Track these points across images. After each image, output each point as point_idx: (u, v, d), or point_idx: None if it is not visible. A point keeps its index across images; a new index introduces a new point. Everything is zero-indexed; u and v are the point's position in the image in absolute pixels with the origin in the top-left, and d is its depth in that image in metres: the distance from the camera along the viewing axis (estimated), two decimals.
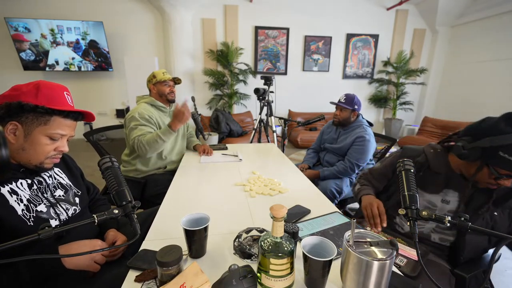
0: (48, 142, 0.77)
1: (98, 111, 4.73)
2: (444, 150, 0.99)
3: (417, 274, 0.81)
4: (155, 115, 1.64)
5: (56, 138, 0.78)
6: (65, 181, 0.91)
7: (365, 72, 5.26)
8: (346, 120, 1.81)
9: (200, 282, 0.57)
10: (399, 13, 4.97)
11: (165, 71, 1.72)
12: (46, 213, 0.77)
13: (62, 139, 0.80)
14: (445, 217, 0.61)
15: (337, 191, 1.69)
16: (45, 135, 0.76)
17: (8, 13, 3.93)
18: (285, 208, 0.56)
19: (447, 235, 0.96)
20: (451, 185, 0.96)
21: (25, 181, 0.77)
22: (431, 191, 0.99)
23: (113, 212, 0.60)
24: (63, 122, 0.78)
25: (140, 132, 1.53)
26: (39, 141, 0.75)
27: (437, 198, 0.97)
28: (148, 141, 1.50)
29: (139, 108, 1.60)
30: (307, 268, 0.62)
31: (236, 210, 1.04)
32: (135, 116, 1.56)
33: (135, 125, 1.54)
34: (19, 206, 0.72)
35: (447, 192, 0.96)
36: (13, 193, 0.72)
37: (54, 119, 0.76)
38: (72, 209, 0.86)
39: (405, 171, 0.74)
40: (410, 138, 4.25)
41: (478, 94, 4.51)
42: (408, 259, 0.86)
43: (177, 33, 4.33)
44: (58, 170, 0.91)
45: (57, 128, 0.77)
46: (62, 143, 0.81)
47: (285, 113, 5.16)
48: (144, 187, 1.59)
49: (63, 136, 0.80)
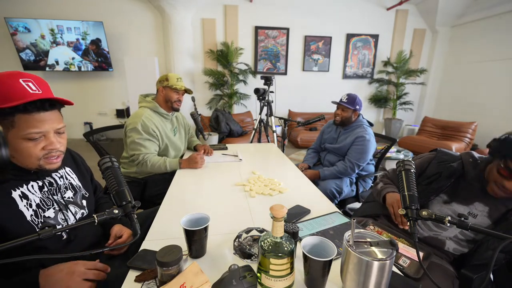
0: (29, 145, 0.67)
1: (98, 111, 4.73)
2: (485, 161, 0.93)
3: (420, 276, 0.80)
4: (157, 124, 1.60)
5: (33, 138, 0.67)
6: (75, 182, 0.89)
7: (365, 72, 5.26)
8: (348, 120, 1.81)
9: (200, 282, 0.57)
10: (399, 13, 4.97)
11: (179, 78, 1.67)
12: (54, 219, 0.76)
13: (46, 137, 0.70)
14: (445, 217, 0.61)
15: (337, 191, 1.69)
16: (21, 139, 0.66)
17: (8, 13, 3.93)
18: (285, 208, 0.56)
19: (462, 247, 0.94)
20: (482, 198, 0.92)
21: (36, 183, 0.76)
22: (459, 201, 0.95)
23: (113, 212, 0.59)
24: (30, 117, 0.65)
25: (146, 151, 1.53)
26: (19, 147, 0.66)
27: (464, 209, 0.94)
28: (153, 164, 1.53)
29: (142, 116, 1.54)
30: (307, 268, 0.62)
31: (236, 210, 1.04)
32: (138, 128, 1.51)
33: (139, 139, 1.51)
34: (28, 211, 0.71)
35: (477, 205, 0.92)
36: (23, 197, 0.71)
37: (18, 118, 0.64)
38: (80, 212, 0.86)
39: (405, 171, 0.74)
40: (410, 138, 4.24)
41: (478, 94, 4.51)
42: (411, 260, 0.85)
43: (177, 33, 4.33)
44: (69, 170, 0.90)
45: (26, 127, 0.65)
46: (48, 141, 0.70)
47: (285, 113, 5.16)
48: (144, 187, 1.59)
49: (42, 133, 0.68)
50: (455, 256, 0.97)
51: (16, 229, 0.68)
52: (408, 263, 0.84)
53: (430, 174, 1.04)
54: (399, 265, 0.84)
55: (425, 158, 1.10)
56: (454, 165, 0.98)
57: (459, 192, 0.96)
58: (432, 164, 1.06)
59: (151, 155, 1.56)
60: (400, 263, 0.85)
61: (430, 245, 0.99)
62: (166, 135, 1.67)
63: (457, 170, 0.97)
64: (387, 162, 3.30)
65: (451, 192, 0.97)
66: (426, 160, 1.09)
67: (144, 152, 1.53)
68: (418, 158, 1.14)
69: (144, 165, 1.53)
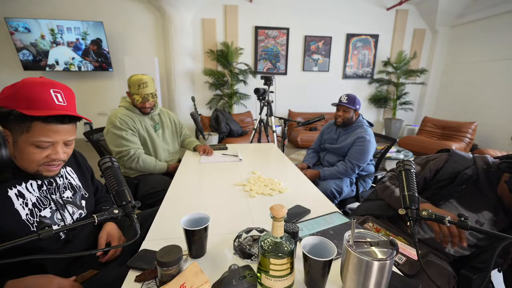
0: (35, 151, 0.69)
1: (98, 111, 4.73)
2: (499, 169, 0.90)
3: (415, 273, 0.81)
4: (134, 119, 1.59)
5: (42, 146, 0.69)
6: (75, 182, 0.89)
7: (365, 72, 5.26)
8: (349, 120, 1.81)
9: (200, 282, 0.57)
10: (399, 13, 4.97)
11: (144, 82, 1.54)
12: (50, 219, 0.76)
13: (53, 146, 0.71)
14: (445, 217, 0.61)
15: (337, 191, 1.69)
16: (30, 144, 0.68)
17: (8, 13, 3.93)
18: (285, 208, 0.56)
19: (464, 249, 0.93)
20: (491, 207, 0.90)
21: (35, 181, 0.76)
22: (469, 208, 0.92)
23: (113, 212, 0.59)
24: (46, 127, 0.68)
25: (134, 146, 1.54)
26: (25, 150, 0.68)
27: (472, 217, 0.91)
28: (145, 161, 1.58)
29: (118, 114, 1.55)
30: (307, 268, 0.62)
31: (236, 210, 1.04)
32: (117, 125, 1.51)
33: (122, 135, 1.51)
34: (24, 210, 0.71)
35: (485, 214, 0.90)
36: (20, 196, 0.71)
37: (35, 125, 0.66)
38: (78, 212, 0.85)
39: (405, 171, 0.73)
40: (410, 138, 4.24)
41: (478, 94, 4.51)
42: (407, 258, 0.86)
43: (177, 33, 4.33)
44: (70, 169, 0.90)
45: (39, 135, 0.67)
46: (53, 151, 0.71)
47: (285, 113, 5.16)
48: (137, 187, 1.58)
49: (50, 143, 0.70)
50: (455, 258, 0.97)
51: (10, 228, 0.68)
52: (403, 260, 0.85)
53: (442, 178, 1.00)
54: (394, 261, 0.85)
55: (440, 160, 1.05)
56: (468, 173, 0.94)
57: (468, 199, 0.93)
58: (445, 168, 1.02)
59: (141, 150, 1.57)
60: (395, 260, 0.85)
61: (431, 247, 0.99)
62: (144, 129, 1.64)
63: (471, 176, 0.93)
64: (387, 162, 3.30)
65: (460, 198, 0.94)
66: (441, 161, 1.04)
67: (133, 146, 1.53)
68: (433, 159, 1.08)
69: (136, 160, 1.53)
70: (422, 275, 0.81)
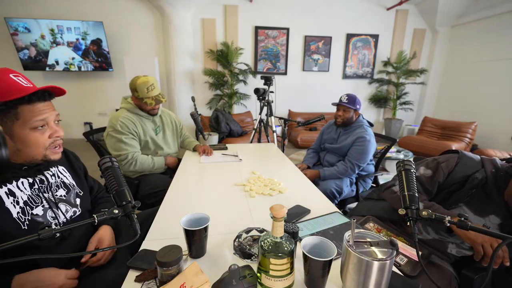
0: (37, 135, 0.71)
1: (98, 111, 4.73)
2: (507, 173, 0.89)
3: (416, 274, 0.81)
4: (135, 123, 1.59)
5: (39, 126, 0.72)
6: (68, 181, 0.89)
7: (365, 72, 5.26)
8: (349, 120, 1.81)
9: (200, 282, 0.57)
10: (399, 13, 4.97)
11: (151, 84, 1.55)
12: (42, 217, 0.76)
13: (49, 125, 0.75)
14: (445, 217, 0.61)
15: (337, 191, 1.69)
16: (28, 130, 0.70)
17: (8, 13, 3.93)
18: (285, 208, 0.56)
19: (465, 250, 0.93)
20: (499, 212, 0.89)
21: (27, 180, 0.76)
22: (476, 211, 0.92)
23: (113, 212, 0.59)
24: (33, 108, 0.70)
25: (133, 149, 1.55)
26: (26, 138, 0.70)
27: (479, 221, 0.91)
28: (142, 162, 1.57)
29: (119, 117, 1.53)
30: (307, 268, 0.62)
31: (236, 210, 1.04)
32: (118, 129, 1.51)
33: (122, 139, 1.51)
34: (15, 208, 0.71)
35: (492, 218, 0.90)
36: (10, 194, 0.71)
37: (21, 109, 0.68)
38: (71, 211, 0.85)
39: (405, 171, 0.73)
40: (410, 138, 4.24)
41: (478, 94, 4.51)
42: (408, 259, 0.86)
43: (177, 33, 4.33)
44: (62, 168, 0.90)
45: (31, 117, 0.70)
46: (52, 130, 0.75)
47: (285, 113, 5.16)
48: (137, 187, 1.58)
49: (45, 121, 0.73)
50: (456, 258, 0.97)
51: (1, 226, 0.67)
52: (405, 261, 0.85)
53: (452, 182, 0.99)
54: (396, 262, 0.85)
55: (451, 162, 1.02)
56: (478, 177, 0.92)
57: (476, 203, 0.92)
58: (456, 171, 1.00)
59: (138, 153, 1.58)
60: (397, 261, 0.85)
61: (433, 247, 0.99)
62: (146, 133, 1.64)
63: (480, 180, 0.92)
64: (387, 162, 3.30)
65: (468, 202, 0.93)
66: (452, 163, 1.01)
67: (131, 150, 1.54)
68: (444, 161, 1.04)
69: (134, 164, 1.54)
70: (424, 276, 0.81)
